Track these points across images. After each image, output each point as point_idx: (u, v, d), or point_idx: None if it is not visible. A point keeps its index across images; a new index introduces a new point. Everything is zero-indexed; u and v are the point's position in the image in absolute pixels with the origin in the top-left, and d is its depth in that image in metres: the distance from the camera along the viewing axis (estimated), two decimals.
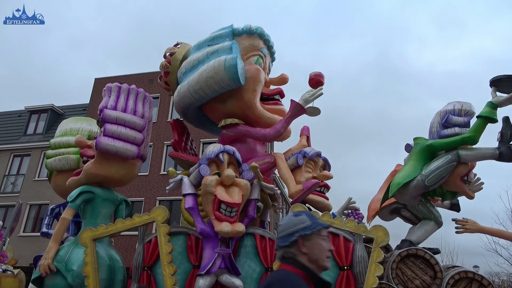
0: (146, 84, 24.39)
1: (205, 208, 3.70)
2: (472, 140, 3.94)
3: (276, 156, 4.42)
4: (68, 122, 5.47)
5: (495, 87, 3.98)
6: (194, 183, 3.86)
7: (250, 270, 3.75)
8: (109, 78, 25.42)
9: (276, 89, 4.88)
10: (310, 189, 4.11)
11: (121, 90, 4.43)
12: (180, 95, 4.62)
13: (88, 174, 4.18)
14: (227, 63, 4.21)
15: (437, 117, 4.42)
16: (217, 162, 3.88)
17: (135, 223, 3.80)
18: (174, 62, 4.89)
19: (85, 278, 3.63)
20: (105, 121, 4.15)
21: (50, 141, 5.16)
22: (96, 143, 4.06)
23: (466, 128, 4.18)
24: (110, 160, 4.21)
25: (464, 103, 4.34)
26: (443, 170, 3.97)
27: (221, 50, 4.42)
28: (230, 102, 4.55)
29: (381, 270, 3.27)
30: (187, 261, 3.86)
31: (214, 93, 4.39)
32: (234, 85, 4.30)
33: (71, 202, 4.01)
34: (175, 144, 4.77)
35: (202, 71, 4.34)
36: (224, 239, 3.64)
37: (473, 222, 4.38)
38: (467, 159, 4.01)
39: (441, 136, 4.24)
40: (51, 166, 5.01)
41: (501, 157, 3.84)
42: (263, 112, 4.55)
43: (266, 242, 3.80)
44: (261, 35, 4.77)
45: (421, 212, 4.27)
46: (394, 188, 4.08)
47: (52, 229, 5.07)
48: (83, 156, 4.39)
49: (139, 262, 3.82)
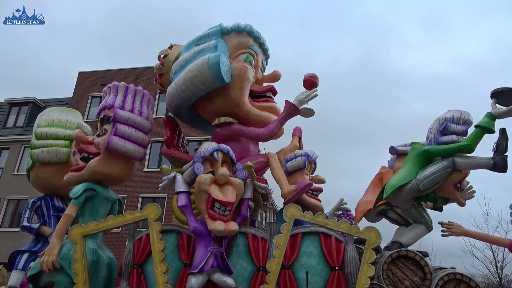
0: (132, 79, 24.07)
1: (199, 206, 3.68)
2: (469, 148, 4.05)
3: (269, 156, 4.44)
4: (53, 112, 5.25)
5: (495, 98, 4.09)
6: (187, 181, 3.84)
7: (242, 269, 3.75)
8: (93, 72, 25.03)
9: (267, 86, 4.84)
10: (303, 189, 4.14)
11: (129, 90, 4.52)
12: (169, 96, 4.62)
13: (92, 172, 4.14)
14: (210, 61, 4.18)
15: (436, 123, 4.50)
16: (211, 160, 3.86)
17: (127, 220, 3.76)
18: (167, 64, 4.92)
19: (74, 275, 3.56)
20: (117, 121, 4.21)
21: (35, 130, 4.92)
22: (108, 142, 4.08)
23: (464, 136, 4.28)
24: (116, 159, 4.24)
25: (463, 112, 4.44)
26: (438, 175, 4.06)
27: (206, 49, 4.39)
28: (217, 100, 4.53)
29: (373, 270, 3.32)
30: (178, 259, 3.84)
31: (200, 92, 4.37)
32: (218, 83, 4.28)
33: (75, 198, 3.95)
34: (168, 141, 4.73)
35: (187, 71, 4.32)
36: (217, 238, 3.63)
37: (459, 226, 4.50)
38: (462, 167, 4.11)
39: (439, 143, 4.33)
40: (37, 157, 4.81)
41: (495, 167, 3.95)
42: (251, 109, 4.50)
43: (258, 241, 3.81)
44: (250, 33, 4.74)
45: (412, 216, 4.35)
46: (389, 190, 4.15)
47: (34, 223, 4.94)
48: (82, 152, 4.32)
49: (129, 259, 3.77)
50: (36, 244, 4.97)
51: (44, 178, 4.89)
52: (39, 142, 4.82)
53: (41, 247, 4.84)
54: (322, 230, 3.73)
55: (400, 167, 4.51)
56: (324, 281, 3.57)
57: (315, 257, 3.69)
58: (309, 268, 3.63)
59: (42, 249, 4.67)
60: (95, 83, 24.46)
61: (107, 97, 4.51)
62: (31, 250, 4.87)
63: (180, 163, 4.53)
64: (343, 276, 3.55)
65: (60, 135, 4.82)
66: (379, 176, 5.17)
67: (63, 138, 4.76)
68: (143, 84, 23.70)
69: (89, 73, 25.06)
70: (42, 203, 5.10)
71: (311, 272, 3.62)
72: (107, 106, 4.35)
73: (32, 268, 3.77)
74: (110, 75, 24.61)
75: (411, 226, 4.43)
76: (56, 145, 4.77)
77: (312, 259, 3.68)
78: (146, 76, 24.00)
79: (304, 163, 4.65)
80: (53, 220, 5.00)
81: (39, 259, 3.76)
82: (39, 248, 4.84)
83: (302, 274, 3.62)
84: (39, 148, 4.81)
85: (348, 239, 3.67)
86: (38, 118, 5.23)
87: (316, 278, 3.59)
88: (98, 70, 25.14)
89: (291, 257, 3.65)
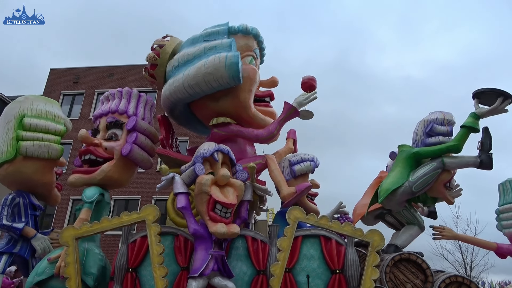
0: (106, 78, 23.48)
1: (199, 208, 3.57)
2: (457, 148, 4.18)
3: (268, 157, 4.38)
4: (37, 101, 4.74)
5: (477, 99, 4.24)
6: (186, 182, 3.72)
7: (241, 273, 3.67)
8: (65, 69, 24.22)
9: (267, 92, 4.90)
10: (303, 192, 4.12)
11: (141, 99, 4.72)
12: (172, 89, 4.44)
13: (105, 176, 4.19)
14: (229, 60, 4.12)
15: (421, 125, 4.61)
16: (211, 161, 3.76)
17: (123, 222, 3.59)
18: (163, 55, 4.70)
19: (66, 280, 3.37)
20: (137, 130, 4.36)
21: (24, 120, 4.44)
22: (130, 150, 4.22)
23: (449, 136, 4.42)
24: (128, 166, 4.39)
25: (446, 113, 4.59)
26: (429, 176, 4.15)
27: (219, 46, 4.32)
28: (224, 100, 4.45)
29: (377, 273, 3.33)
30: (175, 262, 3.70)
31: (210, 90, 4.28)
32: (233, 83, 4.22)
33: (89, 202, 3.92)
34: (163, 140, 4.59)
35: (200, 66, 4.21)
36: (218, 241, 3.53)
37: (449, 229, 4.63)
38: (451, 167, 4.24)
39: (426, 144, 4.44)
40: (26, 150, 4.34)
41: (482, 165, 4.11)
42: (256, 114, 4.53)
43: (258, 244, 3.75)
44: (256, 36, 4.74)
45: (405, 217, 4.41)
46: (383, 194, 4.19)
47: (17, 222, 4.56)
48: (89, 154, 4.22)
49: (123, 263, 3.61)
50: (14, 245, 4.59)
51: (27, 173, 4.49)
52: (28, 134, 4.38)
53: (21, 248, 4.52)
54: (322, 233, 3.71)
55: (390, 170, 4.57)
56: (325, 284, 3.55)
57: (315, 260, 3.66)
58: (310, 271, 3.60)
59: (23, 250, 4.38)
60: (67, 80, 23.66)
61: (115, 102, 4.53)
62: (11, 252, 4.52)
63: (174, 163, 4.40)
64: (344, 279, 3.53)
65: (51, 129, 4.46)
66: (378, 180, 5.22)
67: (53, 133, 4.43)
68: (118, 83, 23.14)
69: (61, 70, 24.21)
70: (21, 200, 4.71)
71: (312, 275, 3.58)
72: (118, 111, 4.45)
73: (41, 273, 3.53)
74: (83, 72, 23.89)
75: (404, 227, 4.49)
76: (47, 139, 4.40)
77: (312, 262, 3.65)
78: (121, 75, 23.45)
79: (313, 169, 4.69)
80: (30, 220, 4.66)
81: (46, 264, 3.59)
82: (19, 249, 4.50)
83: (303, 277, 3.58)
84: (29, 140, 4.36)
85: (349, 242, 3.66)
86: (16, 105, 4.64)
87: (316, 281, 3.56)
88: (71, 68, 24.34)
89: (292, 260, 3.61)
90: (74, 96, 23.32)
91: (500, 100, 4.03)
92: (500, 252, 4.47)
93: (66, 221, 19.85)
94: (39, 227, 4.74)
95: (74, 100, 23.19)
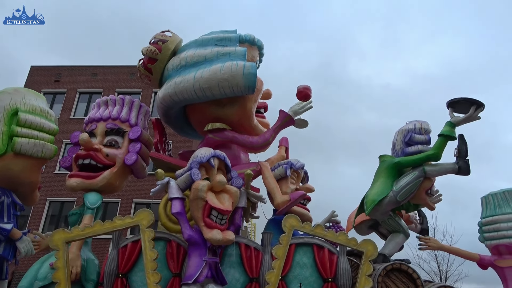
0: (89, 77, 23.06)
1: (194, 213, 3.54)
2: (436, 156, 4.35)
3: (262, 164, 4.39)
4: (28, 95, 4.41)
5: (452, 108, 4.42)
6: (181, 187, 3.68)
7: (234, 280, 3.66)
8: (46, 67, 23.66)
9: (262, 103, 5.05)
10: (296, 200, 4.14)
11: (142, 109, 4.74)
12: (179, 89, 4.31)
13: (107, 183, 4.20)
14: (247, 70, 4.16)
15: (399, 135, 4.78)
16: (207, 167, 3.74)
17: (116, 226, 3.52)
18: (165, 51, 4.62)
19: (55, 285, 3.28)
20: (140, 141, 4.42)
21: (19, 115, 4.14)
22: (136, 160, 4.31)
23: (428, 144, 4.62)
24: (126, 174, 4.45)
25: (422, 122, 4.79)
26: (413, 185, 4.30)
27: (233, 54, 4.34)
28: (229, 107, 4.48)
29: (371, 283, 3.38)
30: (166, 268, 3.66)
31: (221, 95, 4.29)
32: (246, 92, 4.27)
33: (92, 208, 3.93)
34: (157, 144, 4.54)
35: (215, 71, 4.19)
36: (212, 247, 3.51)
37: (435, 240, 4.75)
38: (432, 174, 4.42)
39: (406, 153, 4.60)
40: (21, 147, 4.07)
41: (460, 171, 4.30)
42: (258, 124, 4.64)
43: (251, 251, 3.74)
44: (260, 48, 4.89)
45: (391, 226, 4.52)
46: (370, 205, 4.29)
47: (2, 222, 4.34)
48: (89, 158, 4.17)
49: (113, 268, 3.54)
50: None
51: (15, 171, 4.23)
52: (23, 131, 4.12)
53: (4, 250, 4.32)
54: (315, 241, 3.74)
55: (373, 181, 4.67)
56: None
57: (308, 269, 3.69)
58: (302, 280, 3.63)
59: (6, 252, 4.20)
60: (48, 79, 23.11)
61: (117, 108, 4.53)
62: None
63: (167, 168, 4.36)
64: None
65: (45, 127, 4.25)
66: None
67: (47, 131, 4.27)
68: (101, 83, 22.79)
69: (42, 68, 23.63)
70: (5, 199, 4.48)
71: (304, 283, 3.61)
72: (120, 119, 4.45)
73: (43, 278, 3.41)
74: (65, 71, 23.39)
75: (390, 236, 4.58)
76: (42, 138, 4.19)
77: (305, 270, 3.68)
78: (105, 75, 23.08)
79: (285, 172, 4.64)
80: (13, 219, 4.48)
81: (47, 269, 3.50)
82: (2, 251, 4.31)
83: (295, 285, 3.60)
84: (24, 137, 4.10)
85: (341, 251, 3.70)
86: (6, 97, 4.25)
87: None
88: (52, 66, 23.79)
89: (285, 268, 3.62)
90: (55, 95, 22.75)
91: (473, 109, 4.24)
92: (482, 263, 4.61)
93: (42, 222, 19.28)
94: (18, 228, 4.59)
95: (55, 99, 22.63)
